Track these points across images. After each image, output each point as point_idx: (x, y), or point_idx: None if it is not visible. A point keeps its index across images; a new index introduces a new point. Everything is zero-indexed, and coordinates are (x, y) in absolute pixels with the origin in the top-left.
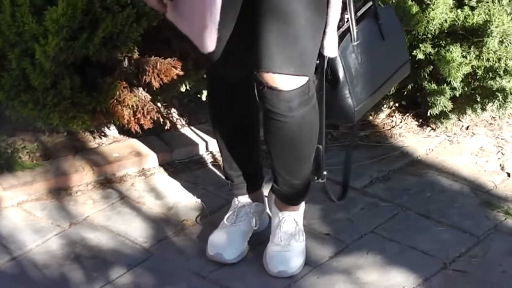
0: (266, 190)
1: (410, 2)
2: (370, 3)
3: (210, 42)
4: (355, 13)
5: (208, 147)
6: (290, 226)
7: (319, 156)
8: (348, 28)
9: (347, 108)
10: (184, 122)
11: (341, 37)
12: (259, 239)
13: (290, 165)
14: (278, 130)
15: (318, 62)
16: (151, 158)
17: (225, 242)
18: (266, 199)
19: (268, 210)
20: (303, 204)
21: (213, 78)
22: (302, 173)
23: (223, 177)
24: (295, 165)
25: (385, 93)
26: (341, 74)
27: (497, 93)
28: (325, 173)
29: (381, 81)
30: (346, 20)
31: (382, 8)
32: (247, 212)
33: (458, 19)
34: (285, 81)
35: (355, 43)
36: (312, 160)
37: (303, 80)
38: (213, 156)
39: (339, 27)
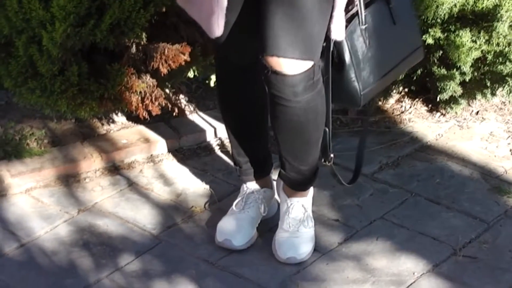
0: (274, 176)
1: None
2: None
3: (217, 27)
4: None
5: (217, 133)
6: (299, 212)
7: (326, 139)
8: (357, 11)
9: (353, 92)
10: (192, 108)
11: (349, 20)
12: (268, 226)
13: (296, 150)
14: (284, 115)
15: (324, 45)
16: (159, 145)
17: (234, 228)
18: (274, 185)
19: (276, 196)
20: (311, 190)
21: (221, 64)
22: (309, 158)
23: (232, 164)
24: (301, 151)
25: (395, 78)
26: (347, 57)
27: (507, 78)
28: (332, 155)
29: (390, 66)
30: (356, 3)
31: None
32: (255, 199)
33: (468, 3)
34: (290, 65)
35: (363, 27)
36: (319, 146)
37: (308, 64)
38: (222, 143)
39: (348, 10)
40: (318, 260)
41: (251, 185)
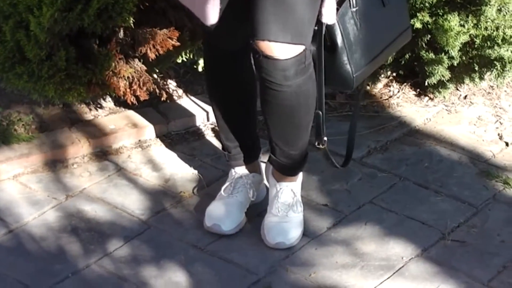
0: (264, 160)
1: None
2: None
3: (213, 14)
4: None
5: (205, 118)
6: (288, 196)
7: (320, 122)
8: None
9: (346, 75)
10: (180, 93)
11: (340, 3)
12: (257, 211)
13: (287, 134)
14: (275, 99)
15: (316, 28)
16: (147, 130)
17: (223, 213)
18: (263, 169)
19: (265, 181)
20: (300, 175)
21: (210, 49)
22: (299, 143)
23: (220, 148)
24: (292, 135)
25: (384, 60)
26: (339, 40)
27: (495, 62)
28: (325, 138)
29: (380, 47)
30: None
31: None
32: (244, 183)
33: None
34: (281, 49)
35: (354, 9)
36: (309, 130)
37: (299, 49)
38: (210, 127)
39: None
40: (307, 245)
41: (240, 170)
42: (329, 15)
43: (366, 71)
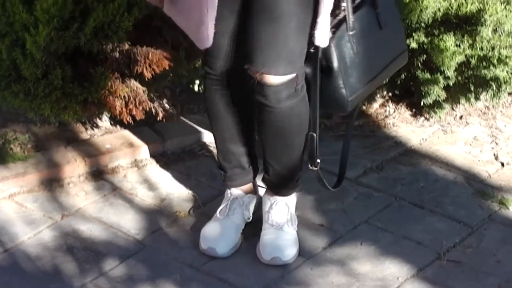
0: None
1: None
2: None
3: (207, 38)
4: (353, 1)
5: (201, 137)
6: (282, 209)
7: (313, 144)
8: (345, 17)
9: (341, 98)
10: (176, 113)
11: (337, 26)
12: (252, 230)
13: (279, 154)
14: (268, 119)
15: (312, 51)
16: (143, 149)
17: (218, 235)
18: (258, 190)
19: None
20: (294, 194)
21: (209, 71)
22: (291, 163)
23: (216, 168)
24: (284, 155)
25: (380, 83)
26: (335, 64)
27: (490, 82)
28: (318, 160)
29: (377, 70)
30: (343, 8)
31: None
32: (240, 204)
33: (452, 7)
34: (274, 77)
35: (351, 33)
36: (302, 151)
37: (290, 76)
38: (206, 147)
39: (335, 15)
40: (303, 265)
41: (235, 191)
42: (322, 38)
43: (362, 94)
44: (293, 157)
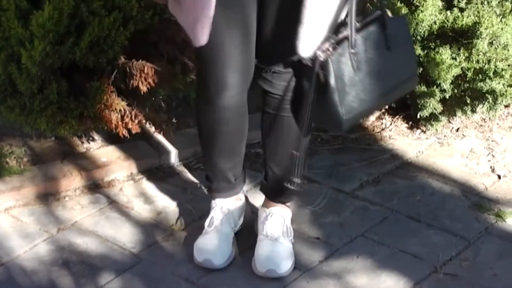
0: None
1: (399, 4)
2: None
3: (202, 35)
4: (363, 19)
5: (197, 151)
6: (278, 221)
7: (295, 163)
8: (348, 34)
9: (336, 116)
10: (172, 126)
11: (339, 42)
12: (247, 244)
13: (280, 156)
14: (275, 111)
15: (310, 64)
16: (139, 163)
17: (213, 247)
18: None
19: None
20: (289, 205)
21: (204, 92)
22: (291, 167)
23: (205, 178)
24: (285, 157)
25: (384, 105)
26: (331, 80)
27: (487, 94)
28: (298, 181)
29: (379, 92)
30: (347, 26)
31: (393, 18)
32: (226, 214)
33: (448, 20)
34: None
35: (353, 51)
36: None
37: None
38: (202, 160)
39: (339, 32)
40: (299, 278)
41: (220, 202)
42: (305, 48)
43: (360, 114)
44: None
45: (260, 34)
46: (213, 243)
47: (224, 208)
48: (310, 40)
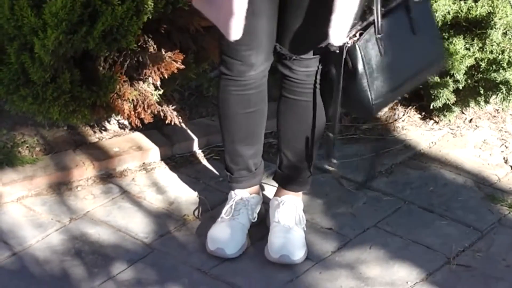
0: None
1: None
2: None
3: (235, 30)
4: (386, 5)
5: (210, 141)
6: (290, 209)
7: (330, 144)
8: (374, 19)
9: (365, 101)
10: (185, 116)
11: (365, 28)
12: (260, 234)
13: (294, 143)
14: (290, 107)
15: (337, 51)
16: (152, 153)
17: (226, 236)
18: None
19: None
20: (301, 193)
21: (226, 71)
22: (306, 154)
23: (224, 170)
24: (300, 144)
25: (411, 89)
26: (359, 65)
27: (500, 85)
28: (335, 161)
29: (406, 76)
30: (373, 11)
31: (418, 2)
32: (245, 205)
33: (461, 11)
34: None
35: (379, 36)
36: (317, 147)
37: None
38: (214, 150)
39: (365, 19)
40: (312, 269)
41: (240, 192)
42: (337, 37)
43: (389, 99)
44: (308, 148)
45: (286, 24)
46: (226, 232)
47: (243, 199)
48: (341, 28)
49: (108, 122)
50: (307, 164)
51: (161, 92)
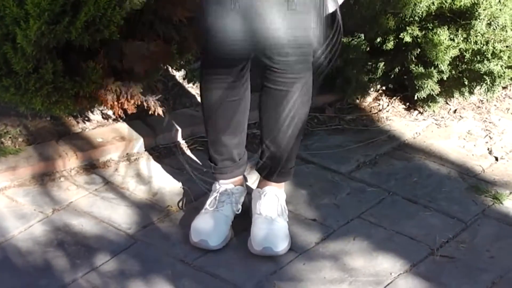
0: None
1: None
2: None
3: None
4: None
5: (193, 131)
6: (272, 200)
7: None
8: None
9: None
10: (168, 106)
11: None
12: (243, 225)
13: (276, 133)
14: (271, 98)
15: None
16: (135, 143)
17: (209, 228)
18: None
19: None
20: (283, 184)
21: (210, 60)
22: (287, 145)
23: (208, 160)
24: (280, 135)
25: None
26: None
27: (484, 76)
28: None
29: None
30: None
31: None
32: (229, 196)
33: (446, 1)
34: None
35: None
36: (301, 136)
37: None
38: (198, 141)
39: None
40: (295, 260)
41: (224, 183)
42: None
43: None
44: (290, 139)
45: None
46: (210, 223)
47: (228, 190)
48: None
49: (92, 112)
50: (289, 155)
51: (144, 82)
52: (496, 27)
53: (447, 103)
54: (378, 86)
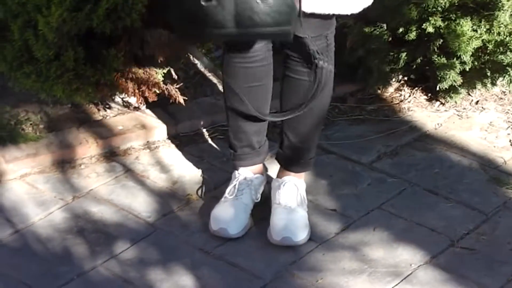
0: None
1: None
2: None
3: None
4: None
5: (214, 120)
6: (291, 190)
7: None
8: None
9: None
10: (189, 95)
11: None
12: (262, 214)
13: (296, 124)
14: (294, 87)
15: None
16: (156, 131)
17: (229, 216)
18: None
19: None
20: (303, 174)
21: (233, 48)
22: (308, 135)
23: (228, 148)
24: (301, 125)
25: None
26: None
27: (507, 67)
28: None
29: None
30: None
31: None
32: (248, 185)
33: None
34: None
35: None
36: (321, 128)
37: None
38: (219, 129)
39: None
40: (315, 250)
41: (244, 171)
42: None
43: None
44: (311, 130)
45: None
46: (229, 212)
47: (247, 179)
48: None
49: (113, 100)
50: (309, 146)
51: (165, 70)
52: None
53: (469, 94)
54: (400, 77)
